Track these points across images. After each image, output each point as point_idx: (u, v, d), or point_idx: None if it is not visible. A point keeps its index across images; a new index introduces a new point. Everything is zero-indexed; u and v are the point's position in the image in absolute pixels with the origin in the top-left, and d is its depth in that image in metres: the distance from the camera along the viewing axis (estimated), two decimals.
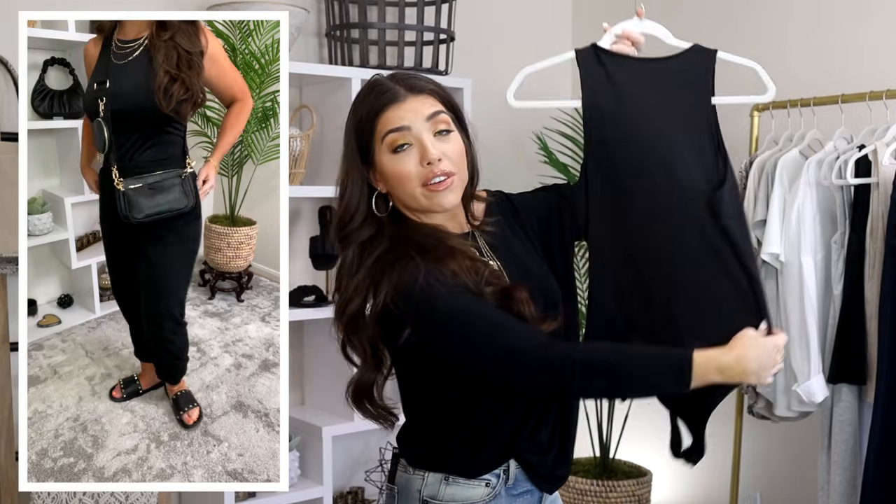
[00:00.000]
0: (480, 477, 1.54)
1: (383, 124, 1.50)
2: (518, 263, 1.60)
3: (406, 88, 1.51)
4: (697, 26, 3.48)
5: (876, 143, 2.56)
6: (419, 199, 1.51)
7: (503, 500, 1.56)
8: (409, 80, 1.53)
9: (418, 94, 1.51)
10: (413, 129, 1.49)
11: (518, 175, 3.67)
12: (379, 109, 1.50)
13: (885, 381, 2.43)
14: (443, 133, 1.51)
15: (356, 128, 1.53)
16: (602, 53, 1.60)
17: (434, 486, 1.55)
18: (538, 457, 1.57)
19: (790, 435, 3.12)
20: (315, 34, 3.26)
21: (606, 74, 1.59)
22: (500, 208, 1.66)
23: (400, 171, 1.50)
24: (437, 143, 1.49)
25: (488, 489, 1.54)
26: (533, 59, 1.80)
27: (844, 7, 3.03)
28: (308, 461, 2.97)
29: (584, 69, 1.60)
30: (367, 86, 1.55)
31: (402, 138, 1.49)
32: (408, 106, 1.50)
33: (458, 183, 1.52)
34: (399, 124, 1.49)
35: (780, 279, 2.71)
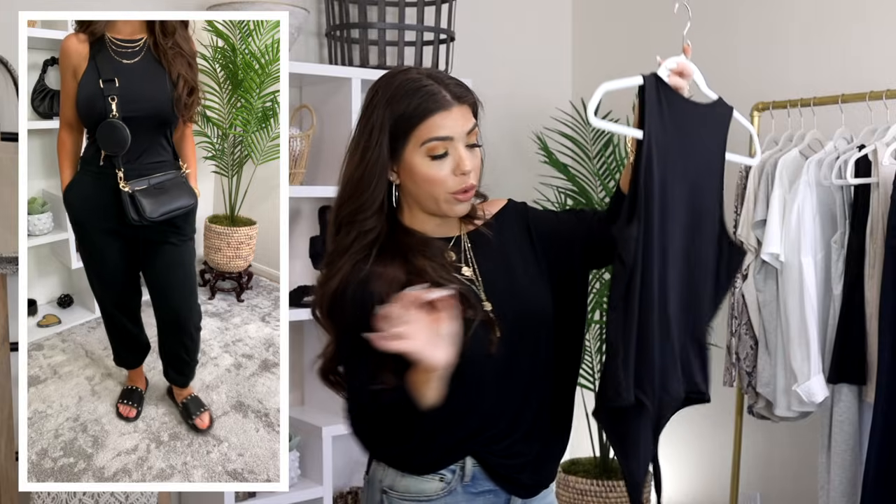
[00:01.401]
0: (433, 472, 1.56)
1: (427, 129, 1.51)
2: (503, 273, 1.61)
3: (453, 96, 1.53)
4: (698, 26, 3.47)
5: (876, 143, 2.56)
6: (440, 204, 1.55)
7: (460, 496, 1.57)
8: (457, 87, 1.55)
9: (462, 104, 1.54)
10: (455, 140, 1.53)
11: (518, 175, 3.67)
12: (425, 113, 1.51)
13: (885, 381, 2.43)
14: (473, 147, 1.56)
15: (393, 121, 1.52)
16: (661, 86, 1.58)
17: (392, 477, 1.58)
18: (499, 458, 1.58)
19: (790, 435, 3.12)
20: (315, 34, 3.26)
21: (662, 110, 1.58)
22: (513, 217, 1.69)
23: (434, 177, 1.53)
24: (469, 157, 1.54)
25: (442, 484, 1.56)
26: (533, 59, 1.81)
27: (844, 7, 3.03)
28: (308, 461, 2.97)
29: (649, 101, 1.57)
30: (408, 81, 1.53)
31: (444, 147, 1.52)
32: (454, 115, 1.52)
33: (474, 193, 1.59)
34: (444, 134, 1.51)
35: (780, 279, 2.71)
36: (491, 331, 1.54)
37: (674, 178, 1.57)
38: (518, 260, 1.64)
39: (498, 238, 1.64)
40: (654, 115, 1.56)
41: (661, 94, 1.57)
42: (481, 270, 1.61)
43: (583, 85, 3.82)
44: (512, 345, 1.56)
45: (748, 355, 2.86)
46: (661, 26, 3.60)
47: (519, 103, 3.71)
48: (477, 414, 1.56)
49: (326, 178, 3.05)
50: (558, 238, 1.67)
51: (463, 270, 1.60)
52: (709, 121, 1.66)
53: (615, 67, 3.76)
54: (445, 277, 1.53)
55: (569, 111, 3.57)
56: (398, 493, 1.58)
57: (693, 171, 1.61)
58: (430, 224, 1.61)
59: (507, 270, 1.62)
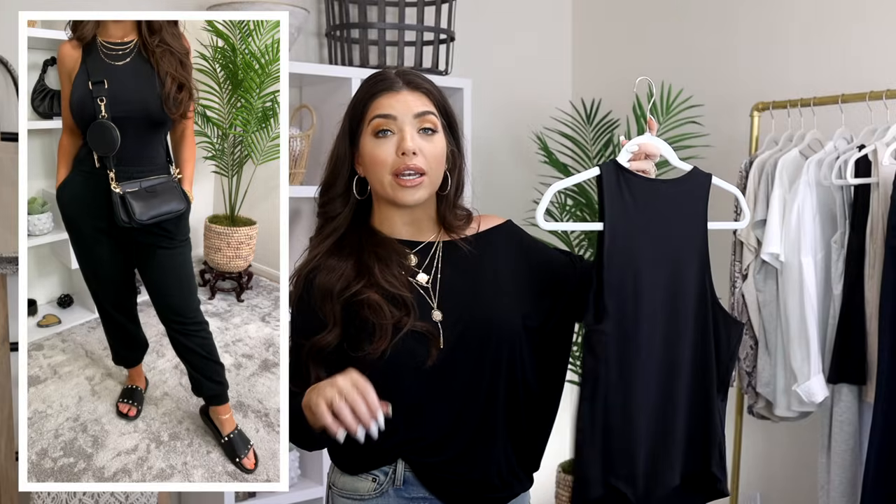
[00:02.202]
0: (365, 472, 1.58)
1: (373, 109, 1.57)
2: (468, 284, 1.60)
3: (404, 82, 1.58)
4: (698, 26, 3.48)
5: (876, 143, 2.56)
6: (386, 188, 1.56)
7: (392, 499, 1.57)
8: (409, 75, 1.59)
9: (414, 91, 1.58)
10: (399, 119, 1.55)
11: (518, 175, 3.68)
12: (373, 94, 1.57)
13: (885, 381, 2.43)
14: (427, 132, 1.56)
15: (351, 109, 1.61)
16: (622, 172, 1.55)
17: (335, 474, 1.63)
18: (432, 469, 1.56)
19: (790, 435, 3.12)
20: (315, 34, 3.26)
21: (624, 198, 1.54)
22: (505, 237, 1.68)
23: (376, 155, 1.56)
24: (417, 139, 1.55)
25: (374, 484, 1.57)
26: (533, 60, 1.82)
27: (844, 7, 3.03)
28: (308, 461, 2.97)
29: (608, 191, 1.54)
30: (371, 74, 1.64)
31: (385, 124, 1.55)
32: (400, 97, 1.56)
33: (428, 184, 1.57)
34: (387, 111, 1.55)
35: (780, 279, 2.71)
36: (429, 344, 1.53)
37: (645, 264, 1.53)
38: (490, 275, 1.62)
39: (478, 252, 1.63)
40: (616, 205, 1.53)
41: (621, 181, 1.54)
42: (443, 279, 1.59)
43: (583, 85, 3.82)
44: (454, 360, 1.54)
45: (748, 355, 2.86)
46: (661, 26, 3.60)
47: (519, 103, 3.71)
48: (405, 422, 1.53)
49: None
50: (550, 272, 1.67)
51: (419, 277, 1.59)
52: (682, 196, 1.60)
53: (615, 67, 3.77)
54: (390, 281, 1.55)
55: (569, 111, 3.57)
56: (338, 490, 1.61)
57: (671, 252, 1.57)
58: (402, 227, 1.62)
59: (474, 282, 1.60)
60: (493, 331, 1.57)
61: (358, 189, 1.60)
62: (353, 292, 1.54)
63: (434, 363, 1.52)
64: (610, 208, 1.54)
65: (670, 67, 3.43)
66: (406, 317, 1.52)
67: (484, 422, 1.57)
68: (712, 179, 1.63)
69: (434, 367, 1.52)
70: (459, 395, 1.56)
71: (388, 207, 1.61)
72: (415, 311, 1.54)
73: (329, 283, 1.56)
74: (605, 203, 1.54)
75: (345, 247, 1.60)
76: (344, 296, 1.55)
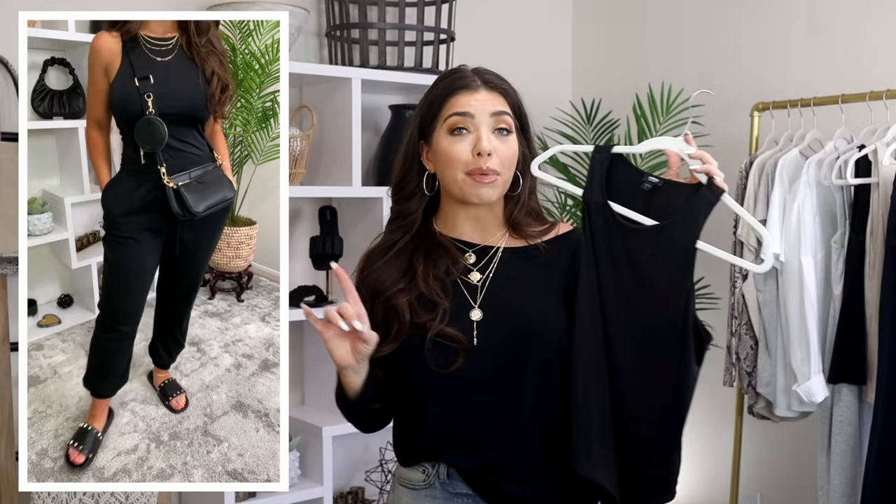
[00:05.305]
0: (416, 464, 1.61)
1: (450, 106, 1.56)
2: (519, 288, 1.59)
3: (482, 81, 1.59)
4: (699, 27, 3.48)
5: (876, 143, 2.56)
6: (460, 185, 1.55)
7: (438, 492, 1.59)
8: (486, 74, 1.61)
9: (491, 90, 1.59)
10: (476, 117, 1.55)
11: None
12: (451, 92, 1.57)
13: (885, 381, 2.43)
14: (502, 132, 1.57)
15: (424, 105, 1.60)
16: (616, 160, 1.60)
17: (396, 466, 1.68)
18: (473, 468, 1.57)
19: (790, 435, 3.12)
20: (315, 34, 3.26)
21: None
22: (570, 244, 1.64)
23: (451, 153, 1.55)
24: (493, 139, 1.55)
25: (424, 476, 1.60)
26: (533, 60, 1.83)
27: (844, 7, 3.03)
28: (308, 461, 2.97)
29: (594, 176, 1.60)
30: (447, 70, 1.64)
31: (462, 122, 1.55)
32: (478, 96, 1.57)
33: (501, 183, 1.57)
34: (464, 109, 1.55)
35: (780, 279, 2.71)
36: (457, 352, 1.52)
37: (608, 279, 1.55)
38: (545, 283, 1.60)
39: (544, 259, 1.61)
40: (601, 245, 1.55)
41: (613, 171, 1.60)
42: (495, 279, 1.58)
43: (583, 85, 3.82)
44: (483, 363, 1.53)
45: (748, 355, 2.86)
46: (661, 26, 3.60)
47: None
48: (435, 422, 1.56)
49: (326, 178, 3.05)
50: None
51: (471, 275, 1.59)
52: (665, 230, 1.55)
53: (615, 67, 3.77)
54: (430, 283, 1.55)
55: (569, 111, 3.57)
56: (398, 478, 1.66)
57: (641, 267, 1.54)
58: (466, 225, 1.61)
59: (526, 287, 1.59)
60: (535, 332, 1.56)
61: (427, 185, 1.60)
62: (388, 297, 1.57)
63: (459, 368, 1.52)
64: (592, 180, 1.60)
65: (670, 67, 3.43)
66: (432, 321, 1.52)
67: (515, 426, 1.56)
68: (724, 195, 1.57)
69: (462, 369, 1.53)
70: (488, 398, 1.55)
71: (455, 205, 1.60)
72: (445, 316, 1.53)
73: (377, 282, 1.59)
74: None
75: (407, 246, 1.61)
76: (379, 299, 1.58)
